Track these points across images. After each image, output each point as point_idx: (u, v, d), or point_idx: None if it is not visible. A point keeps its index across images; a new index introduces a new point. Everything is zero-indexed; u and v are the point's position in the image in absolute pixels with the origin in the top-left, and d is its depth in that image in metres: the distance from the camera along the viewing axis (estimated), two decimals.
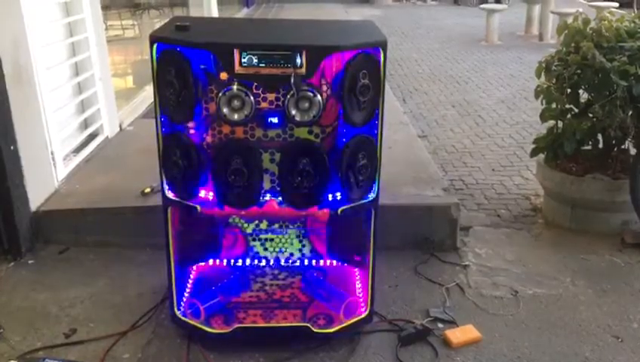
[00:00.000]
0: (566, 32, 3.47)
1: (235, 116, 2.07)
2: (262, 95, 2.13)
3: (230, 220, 2.66)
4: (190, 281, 2.61)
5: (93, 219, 3.15)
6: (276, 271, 2.73)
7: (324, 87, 2.13)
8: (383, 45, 2.07)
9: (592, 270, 3.05)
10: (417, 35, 11.51)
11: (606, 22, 3.38)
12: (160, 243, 2.40)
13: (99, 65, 4.02)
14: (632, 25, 3.42)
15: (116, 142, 4.16)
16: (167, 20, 2.38)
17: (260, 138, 2.23)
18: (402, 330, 2.50)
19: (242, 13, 12.33)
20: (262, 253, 2.74)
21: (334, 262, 2.75)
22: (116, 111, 4.37)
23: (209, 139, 2.24)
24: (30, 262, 3.01)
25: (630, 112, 3.22)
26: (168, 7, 8.86)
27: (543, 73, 3.52)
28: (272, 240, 2.73)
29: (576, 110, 3.45)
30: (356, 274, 2.65)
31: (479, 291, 2.85)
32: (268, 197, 2.27)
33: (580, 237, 3.37)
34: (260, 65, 2.03)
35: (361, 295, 2.53)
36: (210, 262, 2.74)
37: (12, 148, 2.93)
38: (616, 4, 10.29)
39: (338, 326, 2.39)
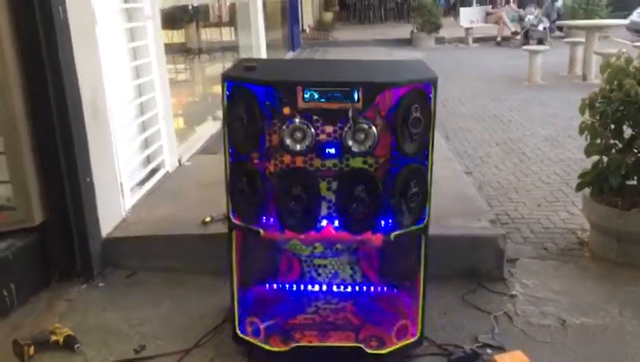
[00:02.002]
0: (609, 70, 3.58)
1: (298, 147, 2.27)
2: (321, 127, 2.33)
3: (287, 246, 2.83)
4: (250, 303, 2.78)
5: (158, 246, 3.37)
6: (329, 296, 2.87)
7: (378, 120, 2.31)
8: (434, 81, 2.25)
9: (639, 302, 3.08)
10: (460, 76, 11.63)
11: None
12: (219, 268, 2.56)
13: (162, 105, 4.32)
14: None
15: (176, 176, 4.42)
16: (218, 64, 2.61)
17: (318, 167, 2.41)
18: (452, 354, 2.58)
19: (289, 55, 12.78)
20: (316, 278, 2.89)
21: (385, 287, 2.89)
22: (176, 148, 4.65)
23: (271, 168, 2.44)
24: (100, 284, 3.24)
25: None
26: (219, 51, 9.31)
27: (586, 110, 3.63)
28: (325, 266, 2.89)
29: (621, 145, 3.52)
30: (406, 298, 2.77)
31: (527, 319, 2.91)
32: (325, 222, 2.43)
33: (626, 270, 3.40)
34: (321, 100, 2.23)
35: (411, 319, 2.64)
36: (268, 285, 2.91)
37: (88, 180, 3.19)
38: None
39: (390, 348, 2.49)
